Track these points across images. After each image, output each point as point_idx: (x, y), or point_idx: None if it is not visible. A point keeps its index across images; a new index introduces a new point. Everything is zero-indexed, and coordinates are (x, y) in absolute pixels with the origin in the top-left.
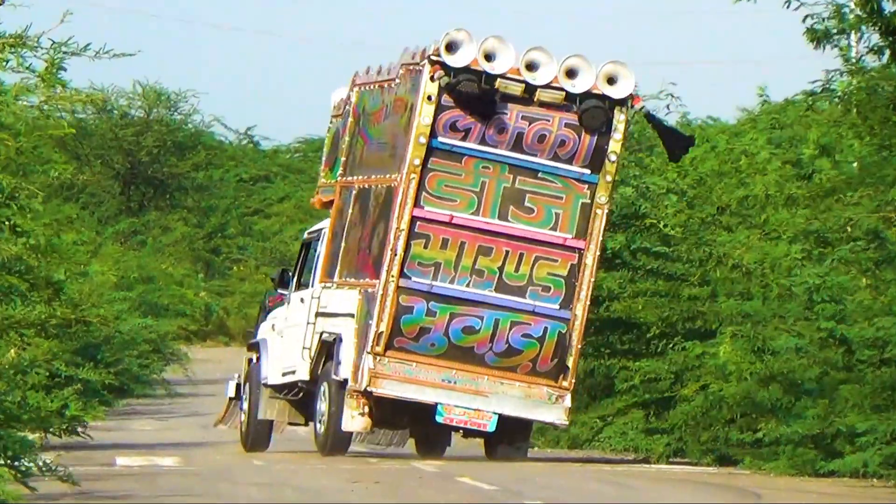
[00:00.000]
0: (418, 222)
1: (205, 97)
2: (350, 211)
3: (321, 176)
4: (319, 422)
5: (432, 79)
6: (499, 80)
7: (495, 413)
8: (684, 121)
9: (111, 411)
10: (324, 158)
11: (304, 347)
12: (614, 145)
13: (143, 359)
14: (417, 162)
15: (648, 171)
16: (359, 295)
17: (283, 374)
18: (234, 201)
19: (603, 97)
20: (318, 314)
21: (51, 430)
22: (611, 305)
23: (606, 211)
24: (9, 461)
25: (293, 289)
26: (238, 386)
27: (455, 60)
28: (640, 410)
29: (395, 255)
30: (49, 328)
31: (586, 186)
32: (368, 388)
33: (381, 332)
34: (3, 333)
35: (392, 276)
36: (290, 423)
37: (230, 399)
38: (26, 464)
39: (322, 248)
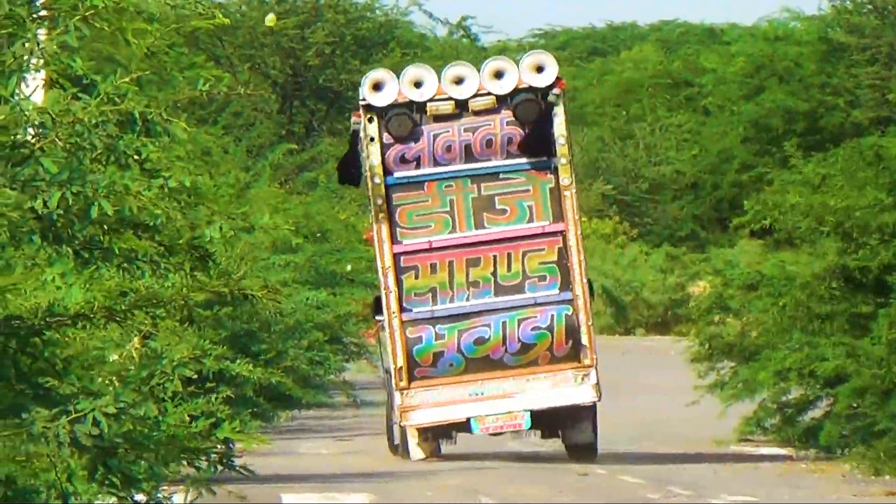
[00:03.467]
0: (402, 257)
1: None
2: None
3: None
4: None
5: (370, 121)
6: (428, 104)
7: (526, 410)
8: None
9: (270, 427)
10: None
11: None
12: (559, 129)
13: (314, 352)
14: (380, 202)
15: None
16: (384, 331)
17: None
18: None
19: (531, 89)
20: (383, 348)
21: (196, 460)
22: None
23: (573, 191)
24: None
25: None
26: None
27: (381, 99)
28: None
29: (390, 292)
30: (192, 306)
31: (548, 172)
32: (402, 424)
33: (401, 367)
34: (126, 315)
35: (394, 313)
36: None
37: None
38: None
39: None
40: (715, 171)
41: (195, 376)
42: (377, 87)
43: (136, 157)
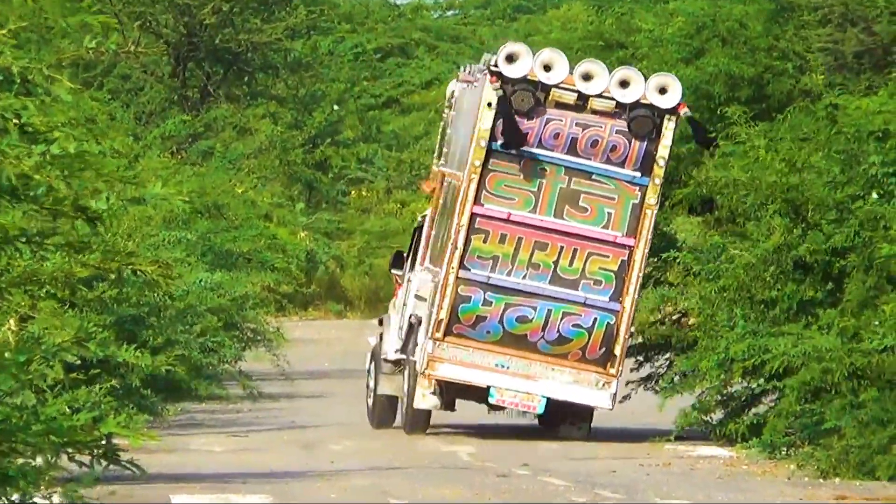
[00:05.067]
0: (478, 219)
1: None
2: (441, 200)
3: (434, 162)
4: (403, 400)
5: (492, 88)
6: (553, 89)
7: (544, 396)
8: None
9: (158, 422)
10: (437, 146)
11: (399, 327)
12: (663, 150)
13: (207, 338)
14: (478, 163)
15: None
16: (432, 282)
17: (396, 351)
18: (352, 87)
19: (651, 106)
20: (414, 296)
21: (77, 453)
22: None
23: (655, 211)
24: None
25: (407, 270)
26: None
27: (513, 71)
28: None
29: (456, 248)
30: (74, 284)
31: (637, 188)
32: (426, 371)
33: (441, 320)
34: (3, 294)
35: (452, 268)
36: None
37: (368, 371)
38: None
39: (424, 233)
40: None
41: (77, 363)
42: (511, 58)
43: (15, 120)
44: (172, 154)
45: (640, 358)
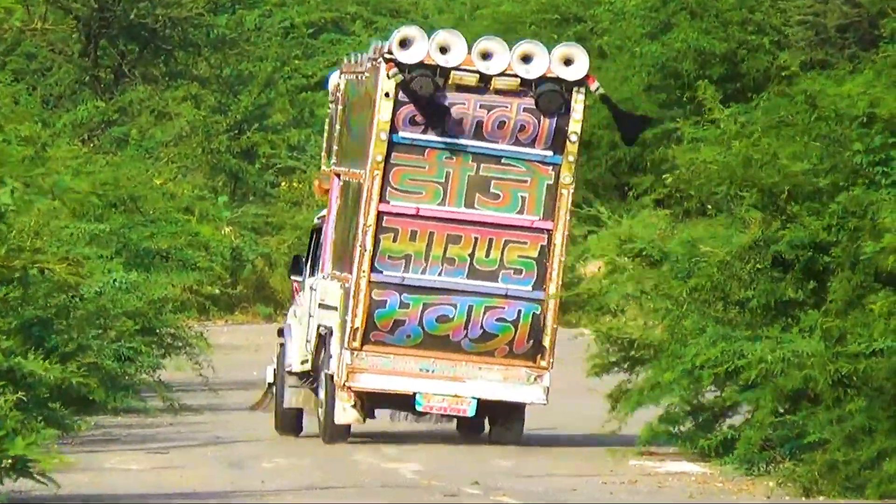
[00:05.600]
0: (385, 217)
1: None
2: (339, 202)
3: (322, 162)
4: (319, 413)
5: (388, 76)
6: (453, 72)
7: (474, 397)
8: None
9: (69, 438)
10: (324, 144)
11: (307, 340)
12: (574, 126)
13: (122, 345)
14: (380, 158)
15: None
16: (340, 289)
17: (302, 363)
18: (282, 67)
19: (558, 80)
20: (319, 305)
21: None
22: None
23: (571, 190)
24: None
25: (306, 275)
26: (275, 371)
27: (408, 57)
28: None
29: (365, 250)
30: None
31: (550, 168)
32: (347, 384)
33: (357, 328)
34: None
35: (363, 272)
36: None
37: (269, 385)
38: None
39: (323, 237)
40: (612, 125)
41: None
42: (404, 43)
43: None
44: (84, 142)
45: (601, 371)
